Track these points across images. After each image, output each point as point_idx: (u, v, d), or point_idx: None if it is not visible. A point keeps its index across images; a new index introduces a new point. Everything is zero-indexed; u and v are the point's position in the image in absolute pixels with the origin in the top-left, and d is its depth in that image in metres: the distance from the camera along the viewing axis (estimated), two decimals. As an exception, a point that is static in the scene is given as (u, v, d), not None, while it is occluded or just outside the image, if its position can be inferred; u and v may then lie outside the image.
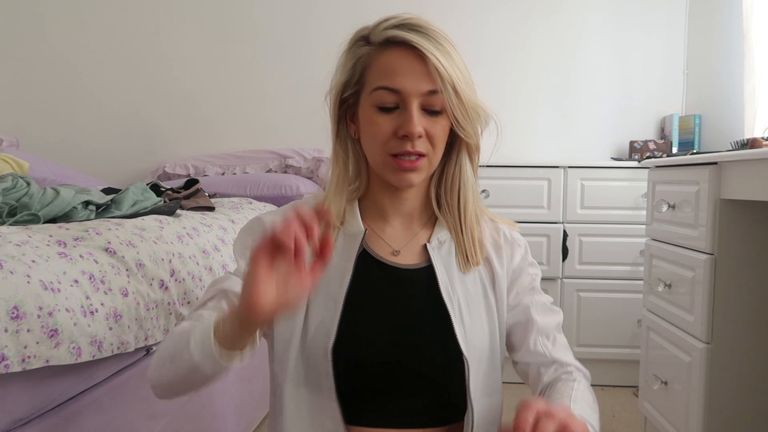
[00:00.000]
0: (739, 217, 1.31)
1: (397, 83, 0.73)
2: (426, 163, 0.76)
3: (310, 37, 2.73)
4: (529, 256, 0.87)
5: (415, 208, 0.84)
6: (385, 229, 0.83)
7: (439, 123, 0.75)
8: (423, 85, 0.72)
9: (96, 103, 2.83)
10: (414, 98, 0.73)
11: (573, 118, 2.66)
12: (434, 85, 0.72)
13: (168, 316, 1.12)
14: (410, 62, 0.73)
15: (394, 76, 0.73)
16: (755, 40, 1.98)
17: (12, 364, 0.72)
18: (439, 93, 0.72)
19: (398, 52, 0.74)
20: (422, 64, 0.72)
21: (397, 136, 0.74)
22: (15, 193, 1.16)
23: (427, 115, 0.74)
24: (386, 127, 0.74)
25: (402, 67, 0.73)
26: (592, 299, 2.24)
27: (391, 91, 0.73)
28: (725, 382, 1.33)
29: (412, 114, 0.72)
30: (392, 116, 0.74)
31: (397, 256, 0.81)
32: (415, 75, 0.72)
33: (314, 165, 2.58)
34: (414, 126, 0.72)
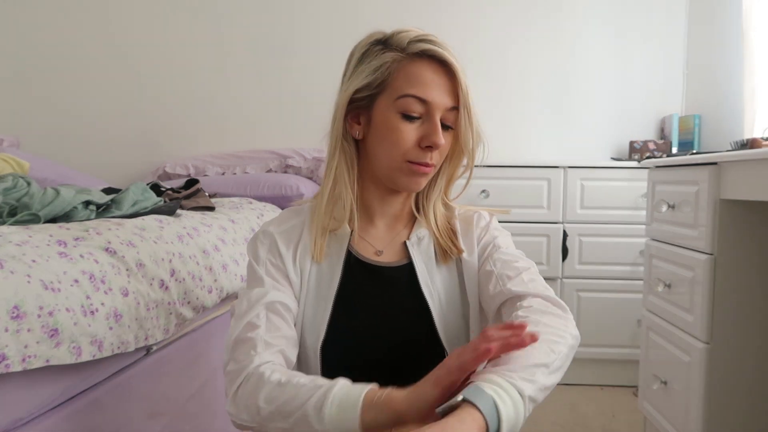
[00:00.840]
0: (739, 217, 1.31)
1: (428, 95, 0.77)
2: (433, 170, 0.82)
3: (310, 37, 2.73)
4: (492, 225, 0.89)
5: (401, 210, 0.89)
6: (370, 231, 0.87)
7: (448, 136, 0.81)
8: (448, 101, 0.78)
9: (96, 103, 2.83)
10: (438, 111, 0.78)
11: (573, 118, 2.66)
12: (456, 102, 0.78)
13: (168, 315, 1.12)
14: (440, 77, 0.77)
15: (425, 87, 0.77)
16: (755, 40, 1.98)
17: (12, 364, 0.72)
18: (455, 110, 0.78)
19: (430, 65, 0.78)
20: (448, 80, 0.78)
21: (419, 145, 0.78)
22: (15, 193, 1.16)
23: (443, 129, 0.79)
24: (410, 135, 0.78)
25: (433, 80, 0.77)
26: (592, 299, 2.25)
27: (420, 101, 0.77)
28: (725, 382, 1.33)
29: (437, 127, 0.78)
30: (415, 125, 0.78)
31: (380, 255, 0.86)
32: (443, 89, 0.78)
33: (314, 165, 2.58)
34: (440, 139, 0.77)
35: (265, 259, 0.83)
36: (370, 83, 0.79)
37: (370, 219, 0.87)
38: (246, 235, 1.64)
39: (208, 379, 1.34)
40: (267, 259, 0.83)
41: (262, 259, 0.83)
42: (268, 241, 0.85)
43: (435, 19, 2.64)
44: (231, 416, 0.72)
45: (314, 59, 2.71)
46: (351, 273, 0.83)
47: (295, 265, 0.83)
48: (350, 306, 0.81)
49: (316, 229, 0.84)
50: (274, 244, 0.84)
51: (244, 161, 2.60)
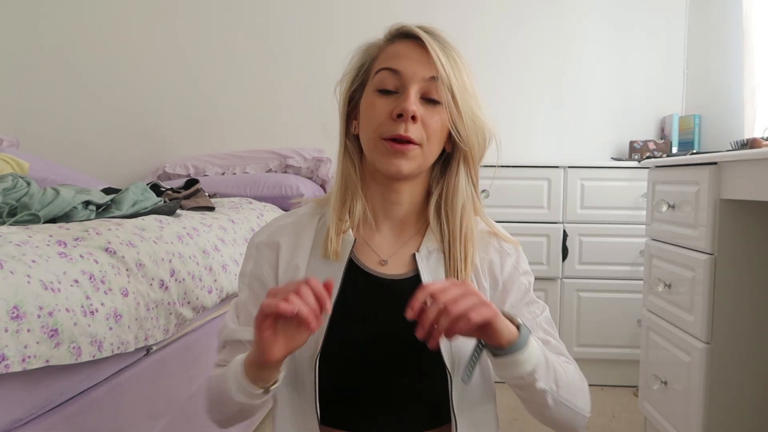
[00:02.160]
0: (739, 217, 1.31)
1: (399, 65, 0.74)
2: (419, 152, 0.75)
3: (310, 37, 2.73)
4: (522, 264, 0.84)
5: (408, 215, 0.82)
6: (374, 238, 0.81)
7: (437, 113, 0.74)
8: (424, 71, 0.73)
9: (96, 103, 2.83)
10: (414, 82, 0.73)
11: (573, 118, 2.66)
12: (436, 72, 0.73)
13: (168, 316, 1.12)
14: (415, 50, 0.75)
15: (397, 59, 0.75)
16: (755, 40, 1.98)
17: (12, 364, 0.72)
18: (439, 83, 0.73)
19: (405, 42, 0.76)
20: (426, 55, 0.74)
21: (392, 117, 0.73)
22: (15, 193, 1.16)
23: (426, 103, 0.74)
24: (383, 108, 0.74)
25: (406, 53, 0.75)
26: (592, 299, 2.24)
27: (392, 72, 0.74)
28: (725, 382, 1.33)
29: (409, 94, 0.72)
30: (391, 99, 0.75)
31: (385, 265, 0.80)
32: (417, 60, 0.74)
33: (314, 165, 2.58)
34: (408, 104, 0.71)
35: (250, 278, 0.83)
36: (357, 75, 0.80)
37: (375, 224, 0.81)
38: (246, 235, 1.64)
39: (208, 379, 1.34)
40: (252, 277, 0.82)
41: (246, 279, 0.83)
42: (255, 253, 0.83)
43: (434, 19, 2.64)
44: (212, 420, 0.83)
45: (314, 59, 2.71)
46: (352, 283, 0.77)
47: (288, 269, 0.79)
48: (349, 318, 0.76)
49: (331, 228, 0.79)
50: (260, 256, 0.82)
51: (244, 161, 2.60)
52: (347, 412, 0.77)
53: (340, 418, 0.77)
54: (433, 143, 0.76)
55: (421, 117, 0.73)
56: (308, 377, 0.75)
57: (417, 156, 0.75)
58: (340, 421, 0.77)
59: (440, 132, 0.76)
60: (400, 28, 0.77)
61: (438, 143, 0.77)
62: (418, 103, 0.73)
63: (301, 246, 0.80)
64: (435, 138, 0.75)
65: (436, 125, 0.75)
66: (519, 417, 1.96)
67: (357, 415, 0.77)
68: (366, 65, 0.79)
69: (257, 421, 1.68)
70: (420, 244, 0.81)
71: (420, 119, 0.73)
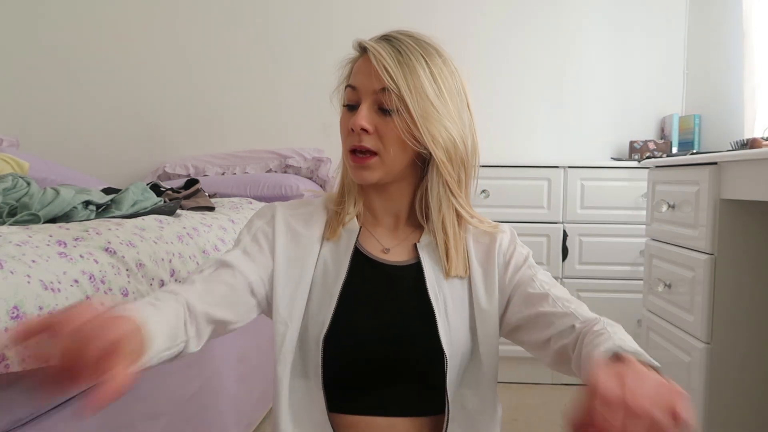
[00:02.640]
0: (739, 217, 1.31)
1: (355, 80, 0.80)
2: (377, 161, 0.78)
3: (309, 37, 2.73)
4: (516, 239, 0.87)
5: (402, 210, 0.87)
6: (377, 229, 0.87)
7: (390, 122, 0.77)
8: (375, 83, 0.77)
9: (96, 103, 2.83)
10: (367, 95, 0.78)
11: (573, 118, 2.66)
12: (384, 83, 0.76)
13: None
14: (369, 64, 0.77)
15: (355, 75, 0.80)
16: (755, 40, 1.98)
17: (12, 364, 0.72)
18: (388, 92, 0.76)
19: (364, 56, 0.80)
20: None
21: (349, 131, 0.79)
22: (15, 193, 1.16)
23: (381, 114, 0.78)
24: (345, 123, 0.80)
25: (362, 68, 0.79)
26: (592, 299, 2.24)
27: (351, 88, 0.80)
28: (725, 382, 1.33)
29: (360, 109, 0.77)
30: (352, 114, 0.79)
31: (387, 253, 0.85)
32: (368, 75, 0.77)
33: (314, 165, 2.58)
34: (357, 119, 0.76)
35: (257, 229, 0.85)
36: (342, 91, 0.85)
37: (375, 217, 0.88)
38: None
39: (208, 379, 1.34)
40: (259, 229, 0.85)
41: (253, 228, 0.85)
42: (270, 215, 0.86)
43: (433, 19, 2.64)
44: None
45: (314, 59, 2.71)
46: (357, 268, 0.82)
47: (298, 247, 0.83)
48: (354, 302, 0.80)
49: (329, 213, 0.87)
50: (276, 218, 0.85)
51: (244, 161, 2.60)
52: (346, 394, 0.80)
53: (339, 400, 0.79)
54: (394, 150, 0.78)
55: (376, 127, 0.77)
56: (314, 359, 0.78)
57: (377, 165, 0.79)
58: (339, 403, 0.79)
59: (396, 140, 0.78)
60: (356, 44, 0.81)
61: (399, 150, 0.79)
62: (369, 115, 0.77)
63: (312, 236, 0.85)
64: (392, 145, 0.78)
65: (391, 133, 0.77)
66: (519, 417, 1.97)
67: (355, 397, 0.80)
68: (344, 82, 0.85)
69: (257, 420, 1.68)
70: (420, 236, 0.86)
71: (375, 129, 0.77)
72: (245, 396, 1.55)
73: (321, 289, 0.82)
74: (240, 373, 1.51)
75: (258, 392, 1.64)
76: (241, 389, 1.52)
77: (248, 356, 1.59)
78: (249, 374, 1.57)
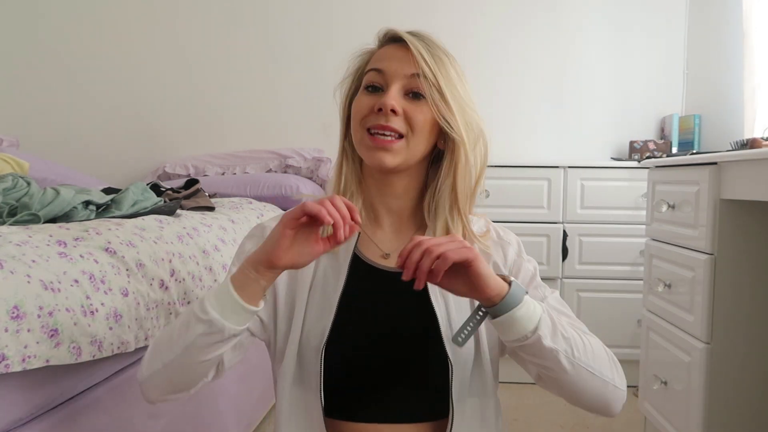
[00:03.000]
0: (739, 217, 1.31)
1: (383, 64, 0.79)
2: (403, 145, 0.77)
3: (309, 37, 2.73)
4: (523, 252, 0.87)
5: (404, 209, 0.85)
6: (377, 233, 0.85)
7: (421, 107, 0.77)
8: (407, 68, 0.77)
9: (96, 103, 2.83)
10: (397, 79, 0.77)
11: (573, 118, 2.66)
12: (418, 69, 0.76)
13: (168, 316, 1.12)
14: (399, 51, 0.79)
15: (382, 59, 0.80)
16: (755, 40, 1.98)
17: (12, 364, 0.72)
18: (422, 78, 0.76)
19: (392, 45, 0.81)
20: (410, 55, 0.77)
21: (374, 111, 0.77)
22: (15, 193, 1.16)
23: (410, 99, 0.78)
24: (368, 103, 0.78)
25: (391, 54, 0.80)
26: (592, 299, 2.24)
27: (377, 72, 0.79)
28: (725, 382, 1.33)
29: (391, 90, 0.77)
30: (376, 96, 0.79)
31: (387, 259, 0.83)
32: (400, 60, 0.78)
33: (314, 165, 2.58)
34: (389, 98, 0.76)
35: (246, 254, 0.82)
36: (353, 80, 0.85)
37: (376, 219, 0.85)
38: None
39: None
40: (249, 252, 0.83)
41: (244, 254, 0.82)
42: (260, 235, 0.84)
43: (434, 19, 2.64)
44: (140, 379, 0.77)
45: (314, 59, 2.71)
46: (356, 275, 0.80)
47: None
48: (354, 309, 0.78)
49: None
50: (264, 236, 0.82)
51: (244, 161, 2.60)
52: (349, 402, 0.79)
53: (342, 408, 0.78)
54: (419, 136, 0.78)
55: (404, 111, 0.77)
56: (314, 368, 0.76)
57: (401, 149, 0.78)
58: (342, 411, 0.78)
59: (425, 125, 0.78)
60: (387, 32, 0.82)
61: (424, 137, 0.79)
62: (399, 98, 0.77)
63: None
64: (420, 131, 0.78)
65: (420, 118, 0.77)
66: (520, 417, 1.97)
67: (358, 405, 0.79)
68: (360, 70, 0.84)
69: (257, 420, 1.68)
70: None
71: (403, 113, 0.77)
72: (245, 396, 1.56)
73: (320, 298, 0.80)
74: (240, 373, 1.51)
75: (258, 392, 1.64)
76: (241, 389, 1.52)
77: (248, 356, 1.59)
78: (249, 374, 1.57)
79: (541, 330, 0.67)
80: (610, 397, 0.74)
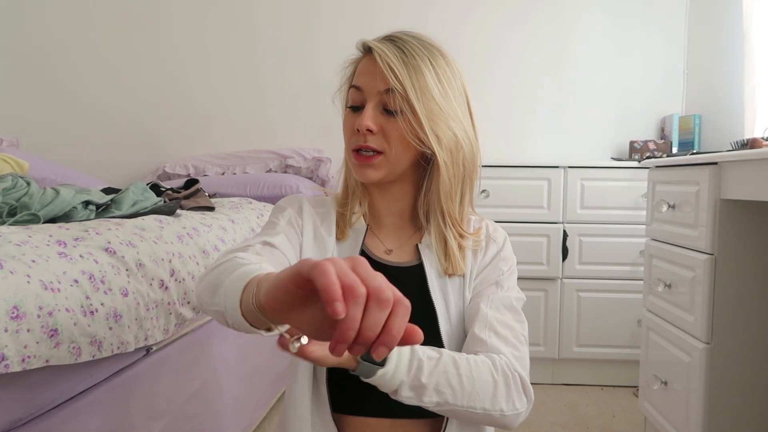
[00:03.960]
0: (739, 217, 1.31)
1: (360, 81, 0.80)
2: (383, 160, 0.79)
3: (309, 37, 2.73)
4: (505, 250, 0.87)
5: (404, 210, 0.88)
6: (380, 230, 0.88)
7: (395, 122, 0.78)
8: (380, 84, 0.77)
9: (96, 103, 2.83)
10: (372, 96, 0.78)
11: (573, 118, 2.66)
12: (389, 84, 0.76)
13: (168, 316, 1.12)
14: (374, 64, 0.78)
15: (360, 76, 0.80)
16: (755, 40, 1.98)
17: (12, 364, 0.72)
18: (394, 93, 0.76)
19: (369, 57, 0.80)
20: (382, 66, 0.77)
21: (354, 131, 0.79)
22: (15, 193, 1.16)
23: (387, 114, 0.78)
24: (350, 124, 0.81)
25: (367, 68, 0.79)
26: (592, 299, 2.24)
27: (356, 89, 0.80)
28: (725, 382, 1.33)
29: (366, 110, 0.78)
30: (357, 114, 0.80)
31: (390, 254, 0.86)
32: (374, 75, 0.78)
33: (314, 165, 2.58)
34: (362, 120, 0.77)
35: (289, 217, 0.85)
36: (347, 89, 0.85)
37: (379, 218, 0.89)
38: (246, 235, 1.64)
39: (208, 379, 1.34)
40: (291, 216, 0.85)
41: (285, 214, 0.85)
42: (298, 206, 0.87)
43: (432, 19, 2.64)
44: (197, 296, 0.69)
45: (314, 59, 2.71)
46: None
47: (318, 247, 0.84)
48: None
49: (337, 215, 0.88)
50: (303, 211, 0.86)
51: (244, 161, 2.60)
52: (349, 394, 0.80)
53: (345, 402, 0.80)
54: (397, 150, 0.79)
55: (381, 127, 0.78)
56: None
57: (381, 164, 0.80)
58: (345, 404, 0.80)
59: (400, 140, 0.79)
60: (363, 44, 0.82)
61: (403, 149, 0.80)
62: (374, 115, 0.78)
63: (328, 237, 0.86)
64: (397, 145, 0.79)
65: (395, 134, 0.78)
66: (519, 417, 1.96)
67: (360, 399, 0.80)
68: (348, 81, 0.85)
69: (257, 420, 1.68)
70: (422, 236, 0.87)
71: (380, 129, 0.78)
72: (245, 396, 1.55)
73: None
74: (240, 373, 1.51)
75: (258, 392, 1.64)
76: (241, 389, 1.52)
77: (248, 356, 1.59)
78: (249, 374, 1.57)
79: (401, 394, 0.69)
80: (499, 422, 0.74)
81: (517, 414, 0.74)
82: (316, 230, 0.86)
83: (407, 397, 0.69)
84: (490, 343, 0.77)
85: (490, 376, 0.73)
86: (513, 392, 0.74)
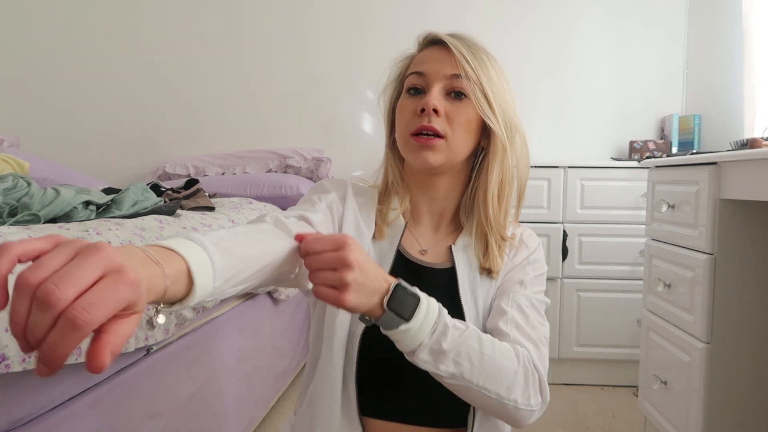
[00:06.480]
0: (739, 217, 1.31)
1: (424, 66, 0.81)
2: (443, 145, 0.78)
3: (310, 37, 2.73)
4: (535, 254, 0.87)
5: (446, 209, 0.87)
6: (417, 228, 0.88)
7: (462, 107, 0.79)
8: (447, 69, 0.79)
9: (96, 103, 2.83)
10: (437, 80, 0.79)
11: (573, 118, 2.67)
12: (459, 70, 0.78)
13: (168, 316, 1.12)
14: (440, 53, 0.80)
15: (422, 62, 0.82)
16: (755, 40, 1.98)
17: (12, 364, 0.72)
18: (464, 78, 0.78)
19: (432, 48, 0.83)
20: (451, 56, 0.79)
21: (416, 113, 0.79)
22: (15, 193, 1.16)
23: (452, 98, 0.79)
24: (410, 106, 0.80)
25: (431, 57, 0.81)
26: (592, 299, 2.25)
27: (418, 74, 0.81)
28: (725, 382, 1.33)
29: (432, 90, 0.78)
30: (417, 98, 0.80)
31: (425, 254, 0.85)
32: (440, 61, 0.80)
33: (314, 165, 2.58)
34: (429, 98, 0.77)
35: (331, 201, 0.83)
36: (396, 85, 0.87)
37: (418, 217, 0.88)
38: (246, 235, 1.64)
39: (208, 379, 1.34)
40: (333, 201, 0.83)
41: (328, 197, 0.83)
42: (343, 192, 0.86)
43: (431, 18, 2.64)
44: None
45: (315, 59, 2.71)
46: (397, 268, 0.82)
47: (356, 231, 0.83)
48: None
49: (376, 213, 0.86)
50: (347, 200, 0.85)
51: (244, 161, 2.60)
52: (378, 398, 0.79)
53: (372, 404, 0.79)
54: (459, 135, 0.79)
55: (445, 111, 0.78)
56: (351, 354, 0.77)
57: (442, 148, 0.79)
58: (371, 407, 0.79)
59: (466, 124, 0.79)
60: (427, 36, 0.83)
61: (465, 136, 0.80)
62: (440, 98, 0.78)
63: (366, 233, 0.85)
64: (461, 130, 0.79)
65: (462, 118, 0.79)
66: (519, 417, 1.96)
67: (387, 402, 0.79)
68: (402, 75, 0.86)
69: (257, 420, 1.68)
70: (457, 238, 0.86)
71: (444, 113, 0.78)
72: (245, 396, 1.55)
73: None
74: (240, 373, 1.51)
75: (258, 392, 1.64)
76: (241, 389, 1.52)
77: (248, 356, 1.59)
78: (249, 374, 1.57)
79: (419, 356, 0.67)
80: (511, 414, 0.72)
81: (530, 411, 0.73)
82: (357, 223, 0.84)
83: (424, 360, 0.67)
84: (513, 336, 0.76)
85: (511, 364, 0.72)
86: (530, 387, 0.73)
